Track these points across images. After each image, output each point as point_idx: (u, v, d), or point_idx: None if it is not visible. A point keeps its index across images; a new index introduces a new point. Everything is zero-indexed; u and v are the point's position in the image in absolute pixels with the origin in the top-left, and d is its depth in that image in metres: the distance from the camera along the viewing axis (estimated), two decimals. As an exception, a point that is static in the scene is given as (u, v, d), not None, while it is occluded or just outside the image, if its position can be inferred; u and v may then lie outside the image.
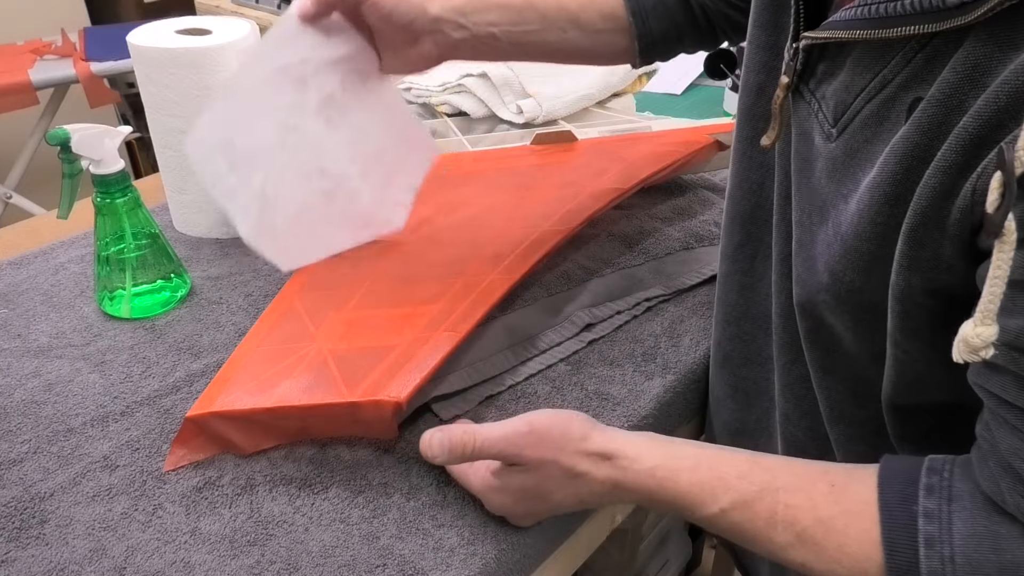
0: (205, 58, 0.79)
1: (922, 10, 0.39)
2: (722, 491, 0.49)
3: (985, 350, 0.39)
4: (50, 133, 0.67)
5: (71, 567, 0.53)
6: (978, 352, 0.39)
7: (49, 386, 0.67)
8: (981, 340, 0.39)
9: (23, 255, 0.86)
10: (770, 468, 0.49)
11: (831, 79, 0.47)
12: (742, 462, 0.50)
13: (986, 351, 0.39)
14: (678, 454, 0.51)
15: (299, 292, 0.73)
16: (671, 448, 0.52)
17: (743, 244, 0.61)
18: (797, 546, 0.46)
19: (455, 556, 0.54)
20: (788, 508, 0.47)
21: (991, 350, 0.39)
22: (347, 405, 0.59)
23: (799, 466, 0.49)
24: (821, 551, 0.46)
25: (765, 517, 0.47)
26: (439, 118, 1.06)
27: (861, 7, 0.43)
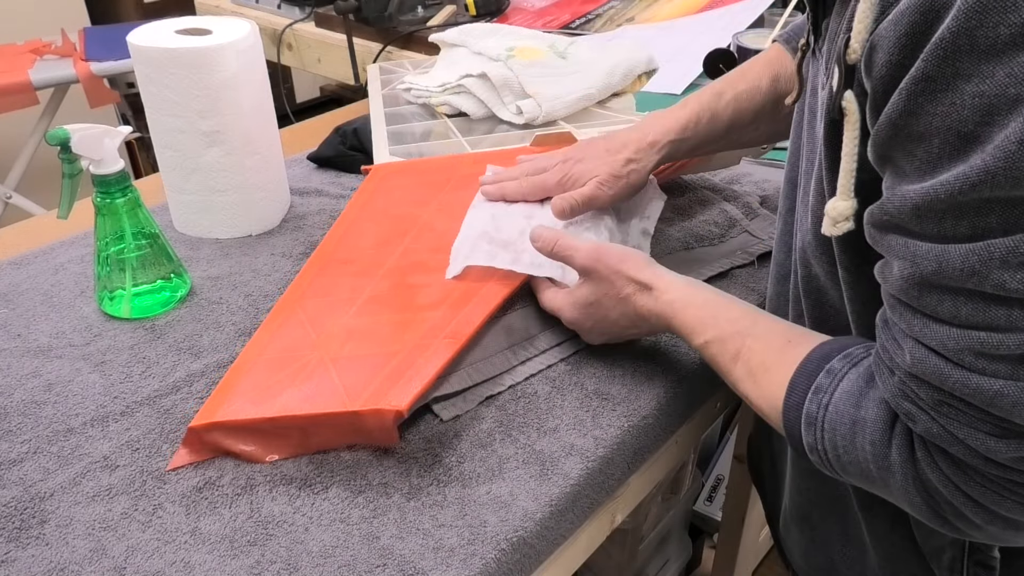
0: (205, 58, 0.79)
1: None
2: (711, 327, 0.59)
3: (843, 223, 0.45)
4: (50, 133, 0.67)
5: (71, 567, 0.52)
6: (837, 224, 0.45)
7: (49, 386, 0.67)
8: (838, 213, 0.45)
9: (23, 255, 0.86)
10: (755, 320, 0.58)
11: (828, 34, 0.51)
12: (738, 310, 0.60)
13: (844, 224, 0.45)
14: (697, 294, 0.62)
15: (301, 299, 0.72)
16: (695, 289, 0.63)
17: (791, 208, 0.63)
18: (746, 380, 0.56)
19: (455, 556, 0.54)
20: (750, 350, 0.56)
21: (848, 224, 0.45)
22: (349, 414, 0.59)
23: (778, 324, 0.58)
24: (758, 387, 0.55)
25: (731, 353, 0.57)
26: (439, 119, 1.06)
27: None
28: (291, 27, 1.50)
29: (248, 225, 0.88)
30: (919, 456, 0.45)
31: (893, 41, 0.38)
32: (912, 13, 0.37)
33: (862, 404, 0.48)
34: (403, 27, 1.36)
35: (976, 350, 0.40)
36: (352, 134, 1.03)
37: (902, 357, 0.44)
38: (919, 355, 0.42)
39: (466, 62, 1.09)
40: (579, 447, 0.62)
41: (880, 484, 0.48)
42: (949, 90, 0.36)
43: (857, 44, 0.40)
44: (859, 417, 0.47)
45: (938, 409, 0.43)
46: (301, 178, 1.01)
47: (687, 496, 1.39)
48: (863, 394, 0.48)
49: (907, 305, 0.43)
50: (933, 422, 0.43)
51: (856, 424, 0.47)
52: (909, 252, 0.41)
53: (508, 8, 1.41)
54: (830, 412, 0.49)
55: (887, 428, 0.46)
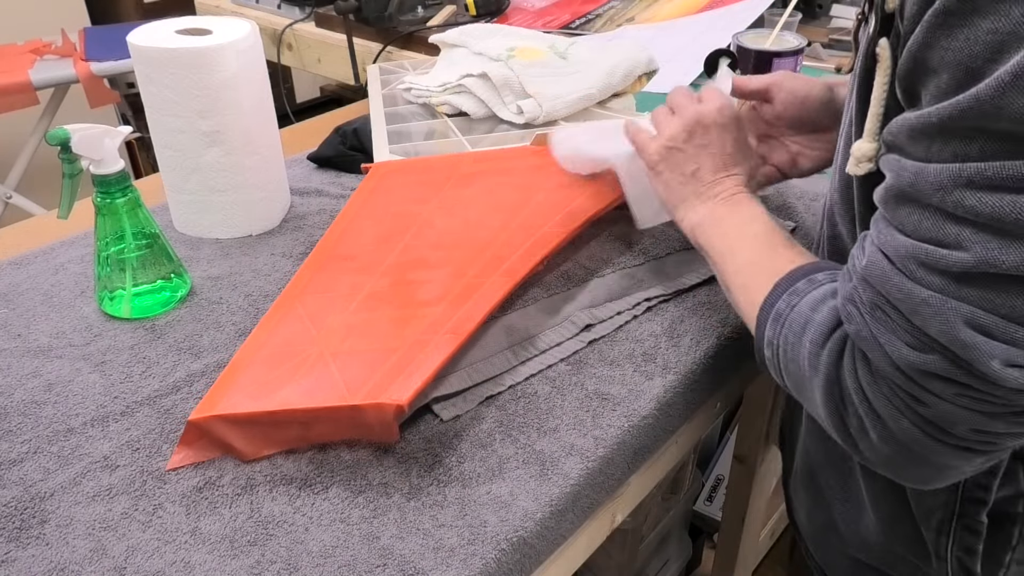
0: (205, 58, 0.79)
1: None
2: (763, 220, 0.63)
3: (865, 163, 0.47)
4: (50, 133, 0.67)
5: (71, 567, 0.52)
6: (860, 164, 0.47)
7: (49, 386, 0.67)
8: (862, 153, 0.47)
9: (23, 255, 0.86)
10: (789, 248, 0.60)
11: None
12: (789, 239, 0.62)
13: (866, 164, 0.47)
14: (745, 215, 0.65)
15: (300, 295, 0.72)
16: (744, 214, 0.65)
17: None
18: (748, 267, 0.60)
19: (455, 556, 0.54)
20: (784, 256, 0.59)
21: (870, 164, 0.47)
22: (349, 408, 0.59)
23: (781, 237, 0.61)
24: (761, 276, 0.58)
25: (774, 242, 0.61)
26: (439, 118, 1.06)
27: None
28: (291, 27, 1.50)
29: (248, 225, 0.88)
30: (844, 361, 0.48)
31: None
32: None
33: (819, 308, 0.51)
34: (403, 27, 1.36)
35: (920, 259, 0.43)
36: (352, 134, 1.03)
37: (860, 261, 0.47)
38: (874, 259, 0.46)
39: (466, 62, 1.09)
40: (579, 447, 0.62)
41: (807, 387, 0.52)
42: (965, 25, 0.38)
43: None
44: (811, 318, 0.51)
45: (872, 313, 0.46)
46: (301, 178, 1.01)
47: (687, 496, 1.39)
48: (824, 301, 0.51)
49: (884, 217, 0.46)
50: (864, 324, 0.46)
51: (807, 324, 0.51)
52: (897, 166, 0.44)
53: (508, 8, 1.41)
54: (794, 312, 0.53)
55: (829, 331, 0.50)
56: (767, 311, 0.56)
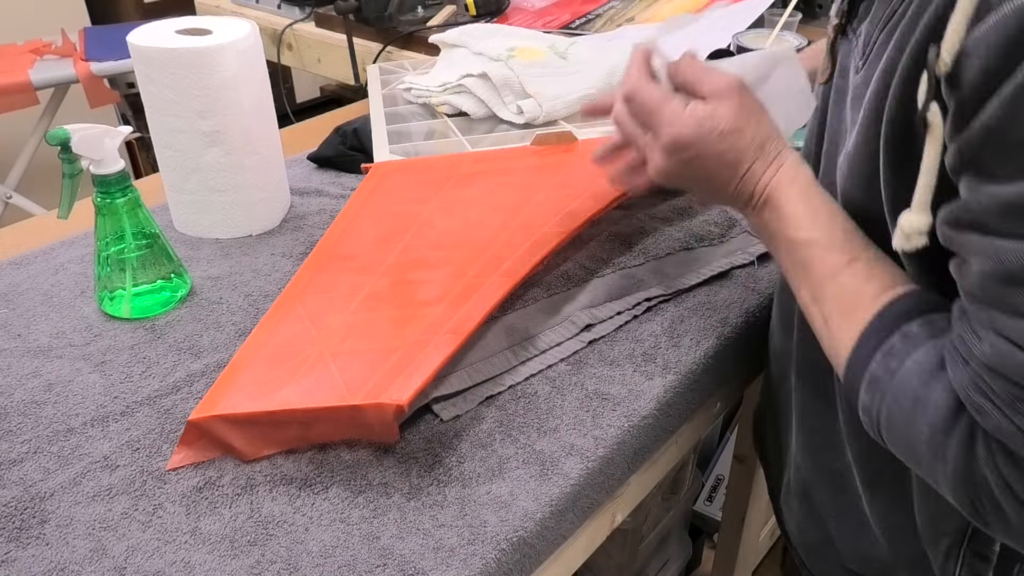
0: (205, 58, 0.79)
1: None
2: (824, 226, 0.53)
3: (917, 238, 0.43)
4: (50, 133, 0.67)
5: (71, 567, 0.52)
6: (910, 239, 0.43)
7: (49, 386, 0.67)
8: (912, 228, 0.43)
9: (23, 255, 0.86)
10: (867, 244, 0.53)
11: (866, 16, 0.51)
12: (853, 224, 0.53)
13: (918, 238, 0.43)
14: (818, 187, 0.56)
15: (300, 295, 0.72)
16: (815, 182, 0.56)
17: None
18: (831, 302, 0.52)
19: (455, 556, 0.54)
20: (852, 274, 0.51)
21: (922, 239, 0.43)
22: (349, 408, 0.59)
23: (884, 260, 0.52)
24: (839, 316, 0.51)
25: (831, 266, 0.52)
26: (439, 118, 1.06)
27: None
28: (291, 27, 1.49)
29: (248, 225, 0.88)
30: (979, 453, 0.44)
31: (993, 47, 0.37)
32: (1017, 18, 0.36)
33: (931, 384, 0.46)
34: (403, 27, 1.36)
35: None
36: (352, 134, 1.03)
37: (980, 348, 0.42)
38: (1002, 348, 0.41)
39: (466, 62, 1.09)
40: (579, 447, 0.62)
41: (925, 467, 0.47)
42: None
43: (948, 56, 0.39)
44: (924, 397, 0.46)
45: (1013, 405, 0.41)
46: (301, 178, 1.01)
47: (687, 496, 1.39)
48: (934, 375, 0.46)
49: (988, 301, 0.42)
50: (1005, 418, 0.42)
51: (919, 403, 0.46)
52: (992, 249, 0.40)
53: (508, 8, 1.41)
54: (896, 382, 0.47)
55: (951, 417, 0.45)
56: (858, 371, 0.49)
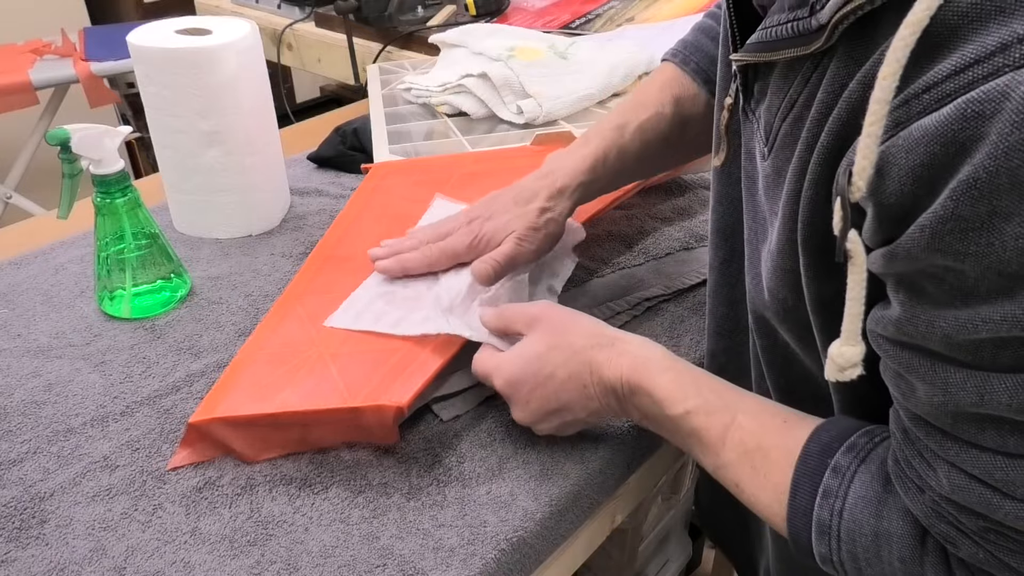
0: (205, 58, 0.79)
1: (797, 33, 0.40)
2: (693, 395, 0.52)
3: (851, 369, 0.39)
4: (50, 133, 0.67)
5: (71, 567, 0.52)
6: (844, 371, 0.40)
7: (49, 386, 0.67)
8: (845, 360, 0.39)
9: (23, 255, 0.86)
10: (741, 395, 0.52)
11: (763, 99, 0.47)
12: (720, 382, 0.53)
13: (852, 370, 0.39)
14: (669, 356, 0.55)
15: (301, 296, 0.72)
16: (664, 351, 0.56)
17: (728, 259, 0.61)
18: (736, 464, 0.50)
19: (455, 556, 0.54)
20: (741, 428, 0.50)
21: (857, 369, 0.39)
22: (349, 410, 0.59)
23: (765, 402, 0.52)
24: (754, 475, 0.49)
25: (719, 429, 0.50)
26: (439, 118, 1.06)
27: (761, 31, 0.44)
28: (291, 27, 1.49)
29: (248, 225, 0.88)
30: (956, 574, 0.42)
31: (907, 172, 0.34)
32: (930, 144, 0.33)
33: (883, 514, 0.43)
34: (403, 27, 1.36)
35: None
36: (352, 134, 1.03)
37: (936, 481, 0.40)
38: (960, 482, 0.38)
39: (466, 62, 1.09)
40: (579, 447, 0.62)
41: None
42: (985, 230, 0.32)
43: (862, 182, 0.35)
44: (882, 529, 0.43)
45: (985, 536, 0.39)
46: (301, 178, 1.01)
47: (687, 496, 1.39)
48: (882, 502, 0.43)
49: (938, 428, 0.39)
50: (979, 548, 0.40)
51: (880, 537, 0.43)
52: (939, 379, 0.37)
53: (508, 8, 1.41)
54: (846, 521, 0.44)
55: (917, 544, 0.42)
56: (802, 522, 0.46)
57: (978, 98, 0.31)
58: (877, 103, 0.34)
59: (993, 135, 0.31)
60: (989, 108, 0.31)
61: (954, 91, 0.32)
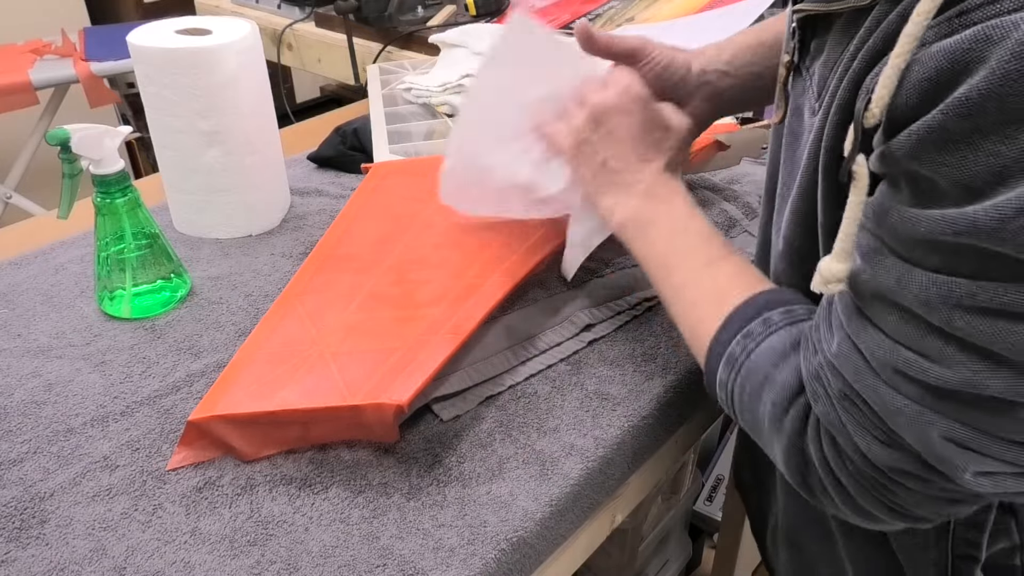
0: (205, 58, 0.79)
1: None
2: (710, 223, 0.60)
3: (836, 284, 0.43)
4: (50, 133, 0.67)
5: (71, 567, 0.52)
6: (828, 284, 0.43)
7: (49, 386, 0.67)
8: (832, 274, 0.43)
9: (23, 255, 0.86)
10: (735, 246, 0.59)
11: (819, 55, 0.49)
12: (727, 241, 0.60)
13: (836, 284, 0.43)
14: None
15: (301, 295, 0.72)
16: None
17: (768, 220, 0.62)
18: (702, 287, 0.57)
19: (455, 556, 0.54)
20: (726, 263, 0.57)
21: (841, 284, 0.43)
22: (349, 408, 0.59)
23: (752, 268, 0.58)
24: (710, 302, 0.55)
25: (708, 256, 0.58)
26: (439, 118, 1.06)
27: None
28: (291, 27, 1.50)
29: (248, 225, 0.88)
30: (808, 431, 0.47)
31: (914, 84, 0.36)
32: (939, 58, 0.35)
33: (780, 364, 0.49)
34: (403, 27, 1.36)
35: (897, 367, 0.40)
36: (352, 134, 1.03)
37: (828, 344, 0.45)
38: (845, 350, 0.44)
39: (466, 62, 1.09)
40: (579, 447, 0.62)
41: (765, 439, 0.51)
42: (963, 144, 0.35)
43: (877, 109, 0.38)
44: (772, 375, 0.49)
45: (841, 402, 0.44)
46: (301, 178, 1.01)
47: (687, 496, 1.39)
48: (785, 356, 0.49)
49: (856, 306, 0.43)
50: (832, 409, 0.45)
51: (767, 380, 0.49)
52: (873, 260, 0.41)
53: (508, 8, 1.41)
54: (751, 360, 0.51)
55: (792, 395, 0.48)
56: (718, 350, 0.53)
57: (993, 25, 0.33)
58: (907, 36, 0.36)
59: (992, 60, 0.33)
60: (997, 34, 0.33)
61: (979, 20, 0.34)
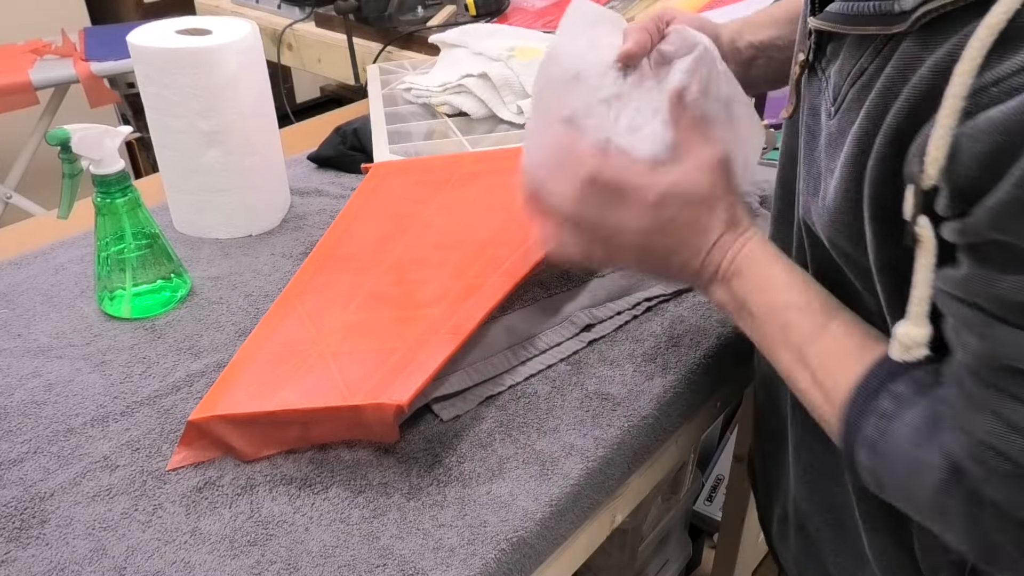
0: (205, 58, 0.79)
1: (879, 13, 0.43)
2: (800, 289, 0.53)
3: (917, 349, 0.42)
4: (50, 133, 0.67)
5: (71, 567, 0.52)
6: (910, 351, 0.42)
7: (49, 386, 0.67)
8: (911, 340, 0.42)
9: (23, 255, 0.86)
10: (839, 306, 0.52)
11: (835, 60, 0.50)
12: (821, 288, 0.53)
13: (917, 350, 0.42)
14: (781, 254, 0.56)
15: (301, 295, 0.73)
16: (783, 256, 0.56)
17: (783, 211, 0.62)
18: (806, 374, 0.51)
19: (455, 556, 0.54)
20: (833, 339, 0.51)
21: (923, 350, 0.42)
22: (349, 408, 0.59)
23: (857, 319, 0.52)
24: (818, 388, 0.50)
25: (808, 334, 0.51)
26: (439, 118, 1.06)
27: (843, 2, 0.47)
28: (291, 27, 1.50)
29: (248, 225, 0.88)
30: (984, 518, 0.43)
31: (974, 158, 0.37)
32: (995, 132, 0.35)
33: (924, 446, 0.45)
34: (403, 27, 1.36)
35: None
36: (352, 134, 1.03)
37: (980, 425, 0.41)
38: (999, 431, 0.40)
39: (466, 62, 1.09)
40: (579, 447, 0.62)
41: (933, 525, 0.47)
42: None
43: (933, 171, 0.38)
44: (921, 459, 0.45)
45: (1011, 484, 0.41)
46: (301, 178, 1.01)
47: (687, 496, 1.39)
48: (928, 436, 0.45)
49: (985, 380, 0.41)
50: (1011, 490, 0.41)
51: (917, 464, 0.45)
52: (990, 333, 0.39)
53: (508, 8, 1.41)
54: (890, 443, 0.46)
55: (950, 478, 0.43)
56: (852, 432, 0.48)
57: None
58: (953, 98, 0.37)
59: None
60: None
61: (1021, 85, 0.35)
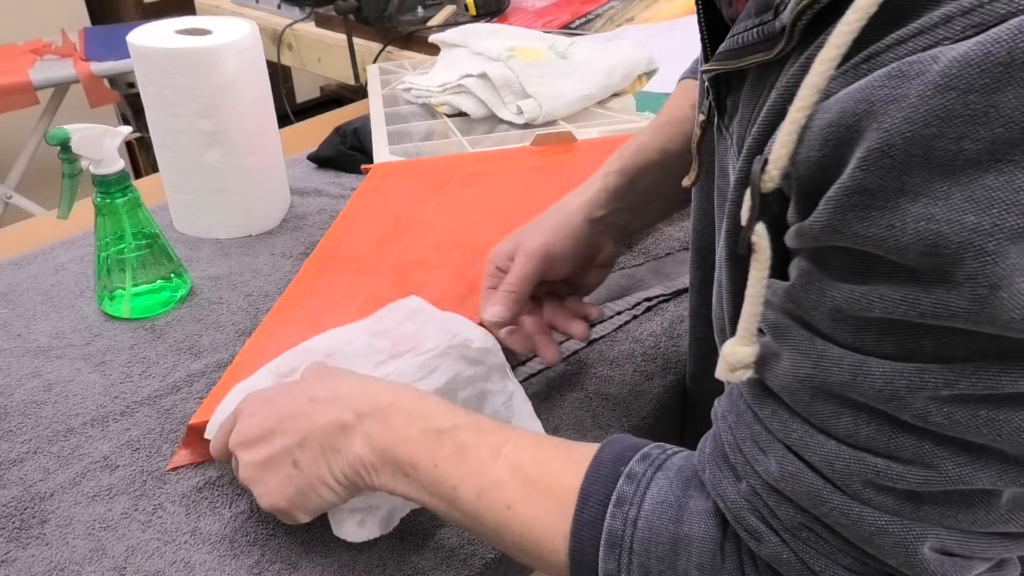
0: (205, 58, 0.79)
1: (762, 37, 0.37)
2: (462, 414, 0.48)
3: (743, 371, 0.37)
4: (50, 133, 0.67)
5: (71, 567, 0.52)
6: (735, 371, 0.37)
7: (49, 386, 0.67)
8: (738, 360, 0.37)
9: (23, 255, 0.86)
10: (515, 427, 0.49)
11: (736, 112, 0.43)
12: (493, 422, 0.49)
13: (744, 372, 0.37)
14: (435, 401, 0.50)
15: (301, 297, 0.73)
16: None
17: (705, 280, 0.58)
18: (508, 482, 0.44)
19: (455, 556, 0.54)
20: (516, 447, 0.45)
21: (749, 371, 0.37)
22: None
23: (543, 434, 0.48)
24: (531, 492, 0.44)
25: (492, 445, 0.46)
26: (439, 118, 1.06)
27: (729, 39, 0.40)
28: (291, 27, 1.50)
29: (248, 225, 0.88)
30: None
31: (816, 133, 0.31)
32: (844, 101, 0.30)
33: (683, 519, 0.40)
34: (403, 27, 1.36)
35: (866, 477, 0.34)
36: (352, 134, 1.03)
37: (764, 465, 0.37)
38: (792, 469, 0.36)
39: (466, 62, 1.09)
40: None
41: None
42: (887, 209, 0.29)
43: (776, 171, 0.33)
44: (681, 535, 0.40)
45: (796, 533, 0.37)
46: (301, 178, 1.01)
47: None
48: (682, 507, 0.40)
49: (788, 408, 0.36)
50: (784, 546, 0.37)
51: (678, 544, 0.40)
52: (815, 351, 0.34)
53: (508, 8, 1.41)
54: (641, 530, 0.40)
55: (717, 547, 0.39)
56: (589, 535, 0.41)
57: (909, 61, 0.28)
58: (808, 87, 0.31)
59: (913, 96, 0.28)
60: (914, 70, 0.28)
61: (892, 60, 0.30)
